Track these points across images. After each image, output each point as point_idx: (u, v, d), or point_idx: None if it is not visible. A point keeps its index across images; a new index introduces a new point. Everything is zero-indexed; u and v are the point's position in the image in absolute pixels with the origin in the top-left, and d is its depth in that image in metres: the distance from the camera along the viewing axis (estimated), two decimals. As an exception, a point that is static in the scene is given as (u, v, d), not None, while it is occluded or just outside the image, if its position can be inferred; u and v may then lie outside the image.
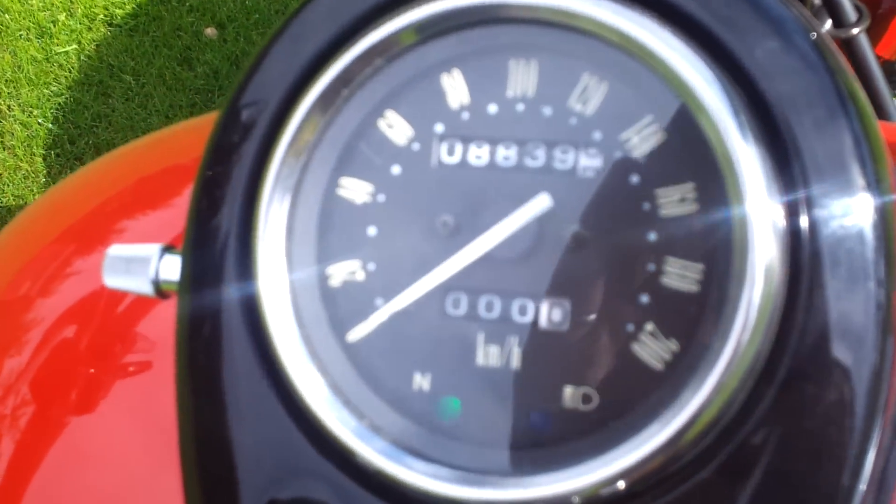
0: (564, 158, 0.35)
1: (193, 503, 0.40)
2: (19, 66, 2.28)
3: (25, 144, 2.19)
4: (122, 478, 0.56)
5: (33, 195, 2.12)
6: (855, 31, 0.72)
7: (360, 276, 0.37)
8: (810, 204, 0.33)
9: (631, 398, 0.34)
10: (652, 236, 0.34)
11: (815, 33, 0.34)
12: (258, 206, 0.37)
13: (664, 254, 0.34)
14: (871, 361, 0.32)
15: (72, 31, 2.32)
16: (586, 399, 0.35)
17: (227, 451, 0.38)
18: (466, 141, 0.36)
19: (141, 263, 0.41)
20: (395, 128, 0.37)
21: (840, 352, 0.32)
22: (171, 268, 0.41)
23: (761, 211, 0.32)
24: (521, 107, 0.36)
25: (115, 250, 0.42)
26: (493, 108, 0.36)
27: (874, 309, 0.32)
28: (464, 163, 0.36)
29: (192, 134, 0.72)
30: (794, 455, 0.33)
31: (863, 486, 0.32)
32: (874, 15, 1.15)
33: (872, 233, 0.33)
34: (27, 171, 2.16)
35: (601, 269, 0.35)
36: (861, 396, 0.32)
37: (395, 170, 0.37)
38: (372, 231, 0.37)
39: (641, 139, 0.34)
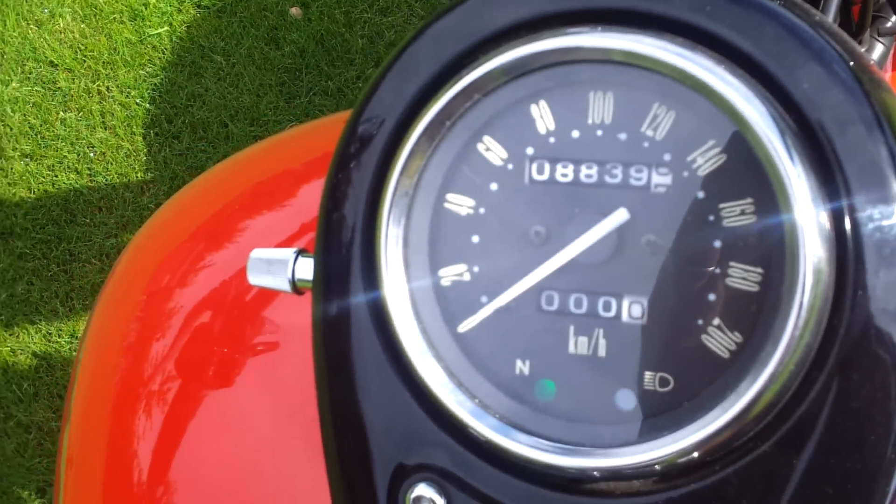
0: (639, 177, 0.41)
1: (333, 471, 0.47)
2: (115, 49, 2.39)
3: (125, 124, 2.30)
4: (253, 443, 0.65)
5: (135, 173, 2.24)
6: None
7: (467, 277, 0.44)
8: (852, 212, 0.38)
9: (701, 382, 0.40)
10: (717, 244, 0.40)
11: (852, 61, 0.39)
12: (379, 219, 0.44)
13: (728, 259, 0.40)
14: None
15: (163, 13, 2.42)
16: (663, 382, 0.41)
17: (361, 426, 0.45)
18: (553, 161, 0.42)
19: (280, 265, 0.49)
20: (492, 151, 0.43)
21: (881, 342, 0.38)
22: (305, 269, 0.49)
23: (809, 220, 0.37)
24: (600, 132, 0.42)
25: (258, 253, 0.50)
26: (576, 134, 0.42)
27: None
28: (552, 180, 0.42)
29: (299, 141, 0.80)
30: (843, 431, 0.38)
31: None
32: None
33: None
34: (128, 149, 2.27)
35: (674, 272, 0.41)
36: None
37: (493, 186, 0.43)
38: (475, 239, 0.44)
39: (705, 160, 0.40)
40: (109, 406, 0.69)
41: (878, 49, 0.82)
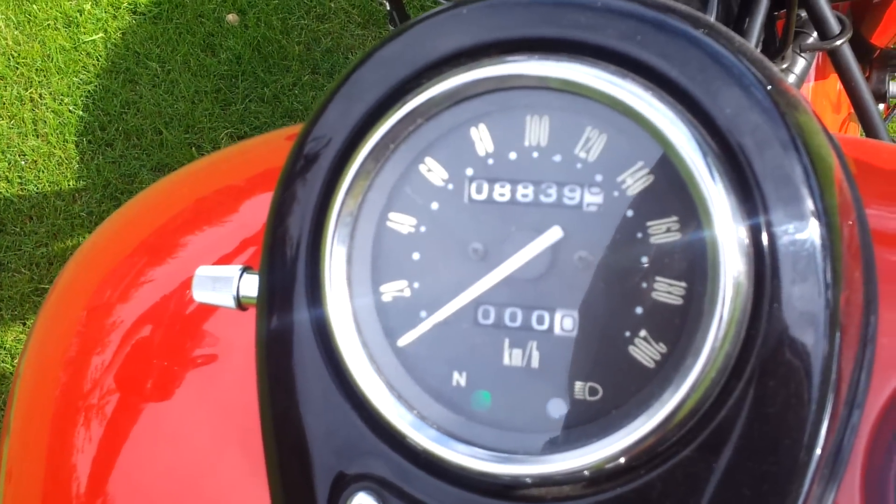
0: (572, 196, 0.43)
1: (274, 481, 0.48)
2: (49, 56, 2.36)
3: (58, 132, 2.27)
4: (192, 454, 0.65)
5: (67, 181, 2.20)
6: (838, 42, 0.77)
7: (407, 293, 0.45)
8: (769, 227, 0.40)
9: (629, 391, 0.42)
10: (644, 259, 0.42)
11: (770, 86, 0.42)
12: (324, 237, 0.45)
13: (654, 274, 0.42)
14: (822, 354, 0.40)
15: (98, 19, 2.39)
16: (593, 391, 0.43)
17: (302, 437, 0.46)
18: (492, 182, 0.44)
19: (225, 282, 0.50)
20: (434, 172, 0.45)
21: (795, 351, 0.40)
22: (250, 286, 0.50)
23: (728, 236, 0.39)
24: (535, 154, 0.44)
25: (203, 271, 0.51)
26: (513, 155, 0.44)
27: (823, 310, 0.40)
28: (490, 199, 0.44)
29: (241, 157, 0.81)
30: (759, 436, 0.40)
31: (818, 451, 0.40)
32: (869, 4, 1.20)
33: (820, 249, 0.40)
34: (60, 157, 2.24)
35: (604, 286, 0.42)
36: (814, 385, 0.40)
37: (434, 206, 0.45)
38: (416, 256, 0.45)
39: (634, 180, 0.42)
40: (49, 420, 0.69)
41: (801, 63, 0.84)
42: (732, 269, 0.39)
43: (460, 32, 0.45)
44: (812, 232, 0.40)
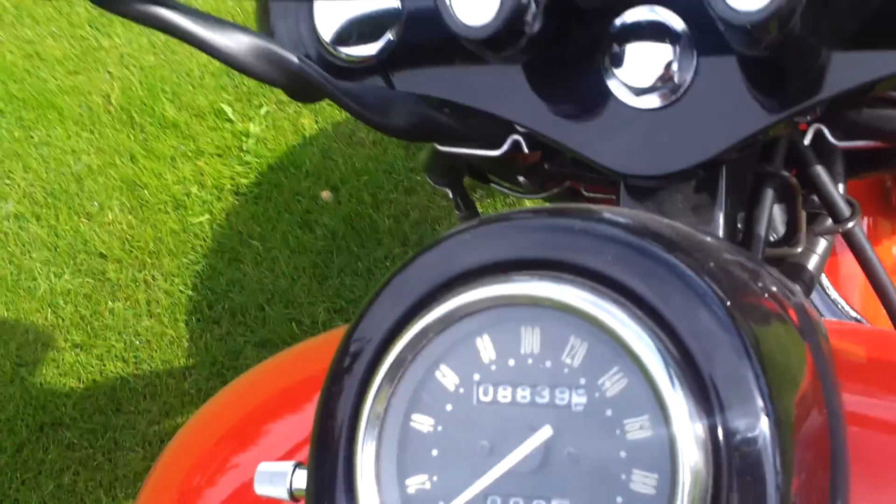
0: (563, 397, 0.49)
1: None
2: (160, 238, 2.53)
3: (169, 311, 2.42)
4: None
5: (178, 360, 2.34)
6: (848, 225, 0.79)
7: (428, 485, 0.51)
8: (724, 425, 0.45)
9: None
10: (623, 454, 0.47)
11: (729, 302, 0.47)
12: (356, 439, 0.51)
13: (631, 466, 0.47)
14: None
15: (203, 202, 2.56)
16: None
17: None
18: (496, 385, 0.50)
19: (280, 476, 0.57)
20: (447, 377, 0.51)
21: None
22: (301, 480, 0.56)
23: (686, 434, 0.45)
24: (530, 360, 0.50)
25: (263, 467, 0.58)
26: (511, 362, 0.50)
27: (774, 493, 0.44)
28: (494, 401, 0.50)
29: (326, 346, 0.89)
30: None
31: None
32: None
33: (770, 443, 0.45)
34: (172, 336, 2.38)
35: (590, 477, 0.48)
36: None
37: (448, 407, 0.51)
38: (434, 452, 0.51)
39: (612, 383, 0.48)
40: None
41: (822, 244, 0.86)
42: (690, 461, 0.45)
43: (464, 256, 0.52)
44: (762, 428, 0.45)
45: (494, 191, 1.01)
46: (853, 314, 1.00)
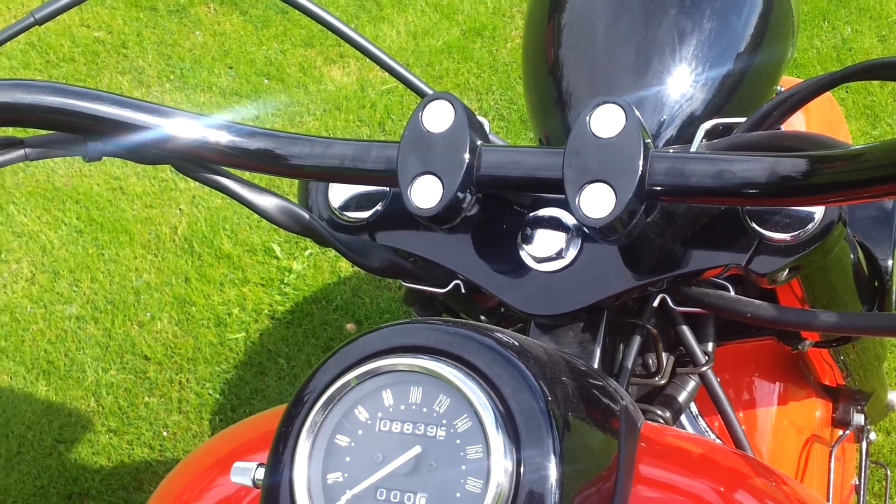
0: (431, 430, 0.66)
1: None
2: (199, 348, 2.87)
3: (197, 410, 2.72)
4: None
5: (199, 451, 2.62)
6: (703, 369, 0.97)
7: (341, 479, 0.67)
8: (522, 457, 0.63)
9: None
10: (463, 467, 0.64)
11: (546, 388, 0.65)
12: (297, 447, 0.67)
13: (468, 475, 0.64)
14: None
15: (242, 322, 2.92)
16: None
17: None
18: (391, 420, 0.67)
19: (248, 471, 0.72)
20: (361, 413, 0.68)
21: None
22: (261, 473, 0.71)
23: (500, 459, 0.62)
24: (414, 407, 0.67)
25: (237, 465, 0.73)
26: (402, 407, 0.67)
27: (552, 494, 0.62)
28: (389, 430, 0.67)
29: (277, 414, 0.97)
30: None
31: None
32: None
33: (554, 476, 0.62)
34: (196, 431, 2.68)
35: (444, 482, 0.64)
36: None
37: (360, 432, 0.67)
38: (347, 459, 0.67)
39: (462, 424, 0.65)
40: None
41: (691, 383, 1.03)
42: (499, 475, 0.62)
43: (385, 340, 0.70)
44: (547, 464, 0.63)
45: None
46: (713, 436, 1.17)
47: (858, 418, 1.53)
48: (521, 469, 0.63)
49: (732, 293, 0.86)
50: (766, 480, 0.82)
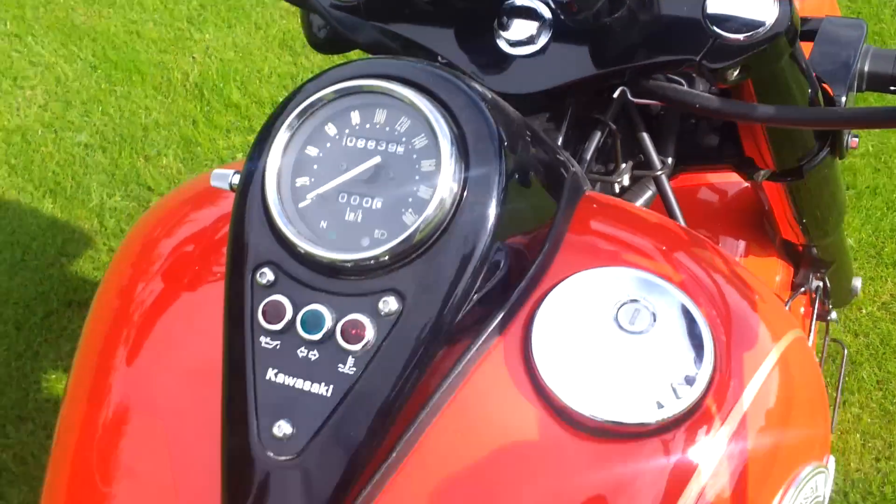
0: (392, 146, 0.72)
1: (228, 270, 0.74)
2: (201, 186, 3.00)
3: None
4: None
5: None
6: (657, 173, 1.05)
7: (307, 182, 0.73)
8: (468, 161, 0.70)
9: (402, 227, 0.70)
10: (417, 177, 0.71)
11: (499, 123, 0.71)
12: (271, 152, 0.73)
13: (421, 183, 0.71)
14: (492, 214, 0.70)
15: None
16: (381, 234, 0.71)
17: (243, 234, 0.73)
18: (356, 137, 0.73)
19: (225, 176, 0.80)
20: (330, 129, 0.74)
21: (475, 213, 0.70)
22: (237, 179, 0.77)
23: (448, 166, 0.69)
24: (378, 126, 0.73)
25: (216, 171, 0.80)
26: (367, 126, 0.73)
27: (495, 194, 0.70)
28: (355, 145, 0.73)
29: None
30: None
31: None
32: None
33: (495, 183, 0.70)
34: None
35: (397, 183, 0.71)
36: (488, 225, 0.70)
37: (328, 145, 0.74)
38: (315, 167, 0.74)
39: (418, 141, 0.72)
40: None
41: (648, 191, 1.08)
42: (445, 183, 0.69)
43: (359, 70, 0.76)
44: (493, 165, 0.70)
45: None
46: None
47: (817, 284, 1.64)
48: (466, 186, 0.70)
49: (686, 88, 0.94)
50: (710, 253, 0.88)
